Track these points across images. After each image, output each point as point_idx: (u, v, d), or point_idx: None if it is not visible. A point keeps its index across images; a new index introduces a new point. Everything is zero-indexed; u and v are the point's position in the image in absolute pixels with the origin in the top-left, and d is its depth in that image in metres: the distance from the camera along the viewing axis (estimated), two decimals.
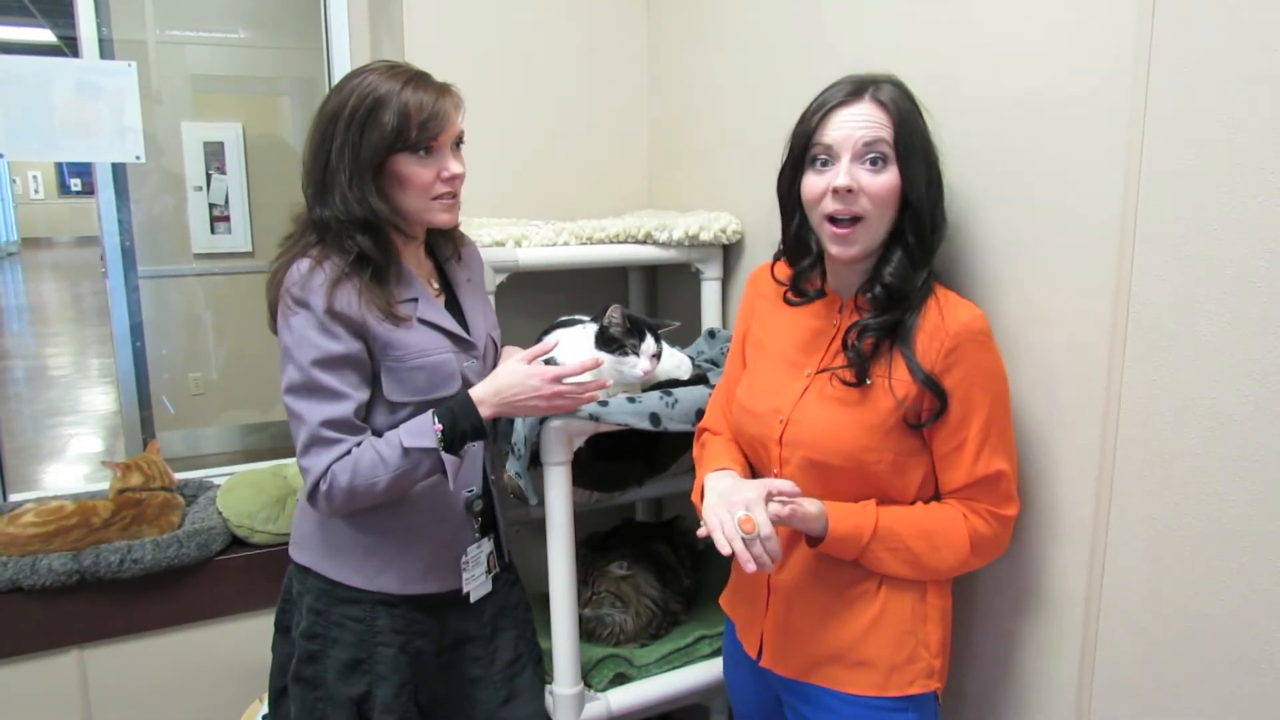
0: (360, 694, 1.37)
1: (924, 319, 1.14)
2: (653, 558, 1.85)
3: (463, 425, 1.31)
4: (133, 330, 3.31)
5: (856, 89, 1.13)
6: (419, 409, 1.33)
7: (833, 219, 1.13)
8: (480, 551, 1.46)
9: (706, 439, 1.39)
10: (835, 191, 1.11)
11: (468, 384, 1.38)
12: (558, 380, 1.34)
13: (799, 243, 1.23)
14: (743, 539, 1.05)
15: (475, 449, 1.39)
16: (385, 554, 1.38)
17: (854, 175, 1.10)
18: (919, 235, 1.14)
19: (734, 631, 1.38)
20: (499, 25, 2.09)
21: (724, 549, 1.06)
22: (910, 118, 1.12)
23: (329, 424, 1.27)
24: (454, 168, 1.31)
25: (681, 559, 1.91)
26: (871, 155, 1.11)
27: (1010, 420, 1.17)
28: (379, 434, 1.33)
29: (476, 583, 1.45)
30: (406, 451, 1.28)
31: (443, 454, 1.29)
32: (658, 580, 1.79)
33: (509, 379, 1.34)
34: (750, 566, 1.05)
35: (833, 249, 1.16)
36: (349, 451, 1.28)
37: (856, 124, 1.11)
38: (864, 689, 1.20)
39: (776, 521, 1.08)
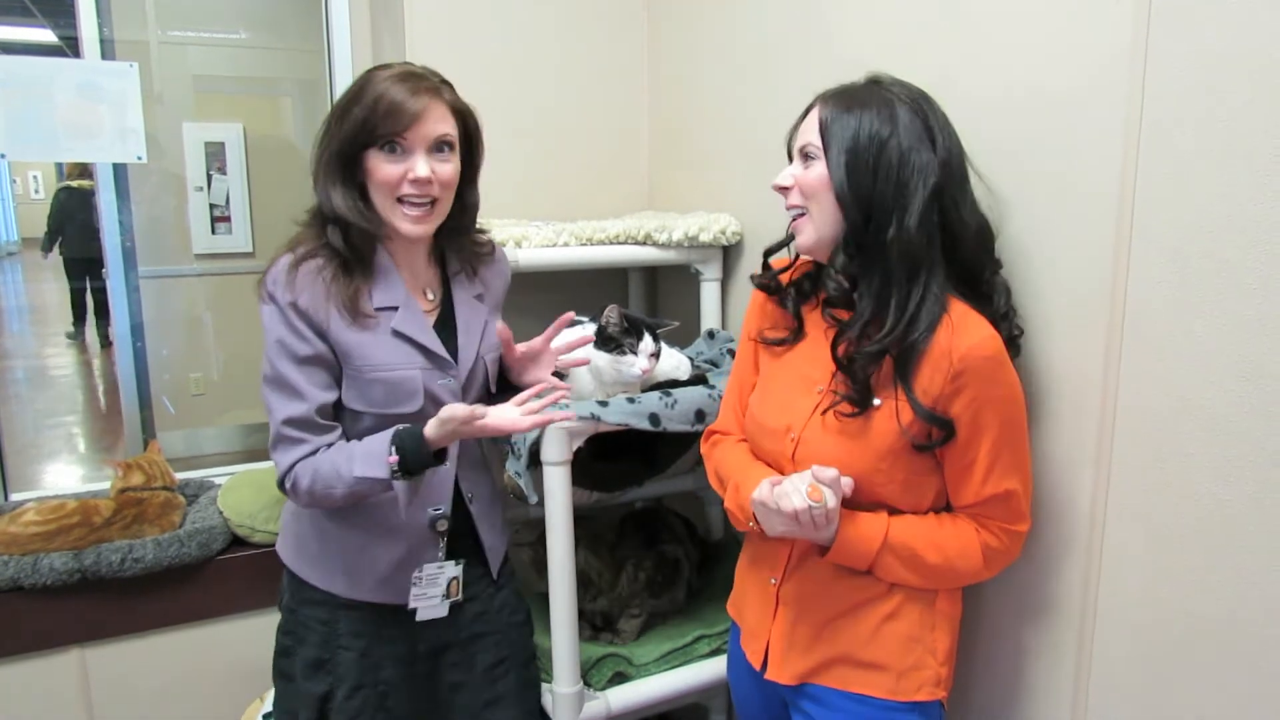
0: (324, 692, 1.37)
1: (932, 345, 1.11)
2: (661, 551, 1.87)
3: (414, 459, 1.25)
4: (133, 330, 3.32)
5: (815, 99, 1.19)
6: (378, 421, 1.31)
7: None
8: (440, 573, 1.39)
9: (718, 439, 1.39)
10: (778, 190, 1.21)
11: (437, 402, 1.32)
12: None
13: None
14: (810, 508, 1.09)
15: (442, 470, 1.33)
16: (340, 559, 1.37)
17: (789, 172, 1.19)
18: (853, 228, 1.13)
19: (739, 637, 1.37)
20: (500, 27, 2.10)
21: (789, 526, 1.12)
22: (838, 116, 1.14)
23: (290, 422, 1.26)
24: (420, 170, 1.24)
25: (694, 538, 1.93)
26: (805, 155, 1.18)
27: (1025, 440, 1.16)
28: (347, 433, 1.32)
29: (426, 602, 1.38)
30: (359, 479, 1.25)
31: (394, 483, 1.25)
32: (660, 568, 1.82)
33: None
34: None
35: (795, 243, 1.23)
36: (314, 452, 1.28)
37: (799, 133, 1.20)
38: (870, 689, 1.20)
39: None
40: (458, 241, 1.41)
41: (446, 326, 1.39)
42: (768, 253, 1.35)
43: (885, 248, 1.11)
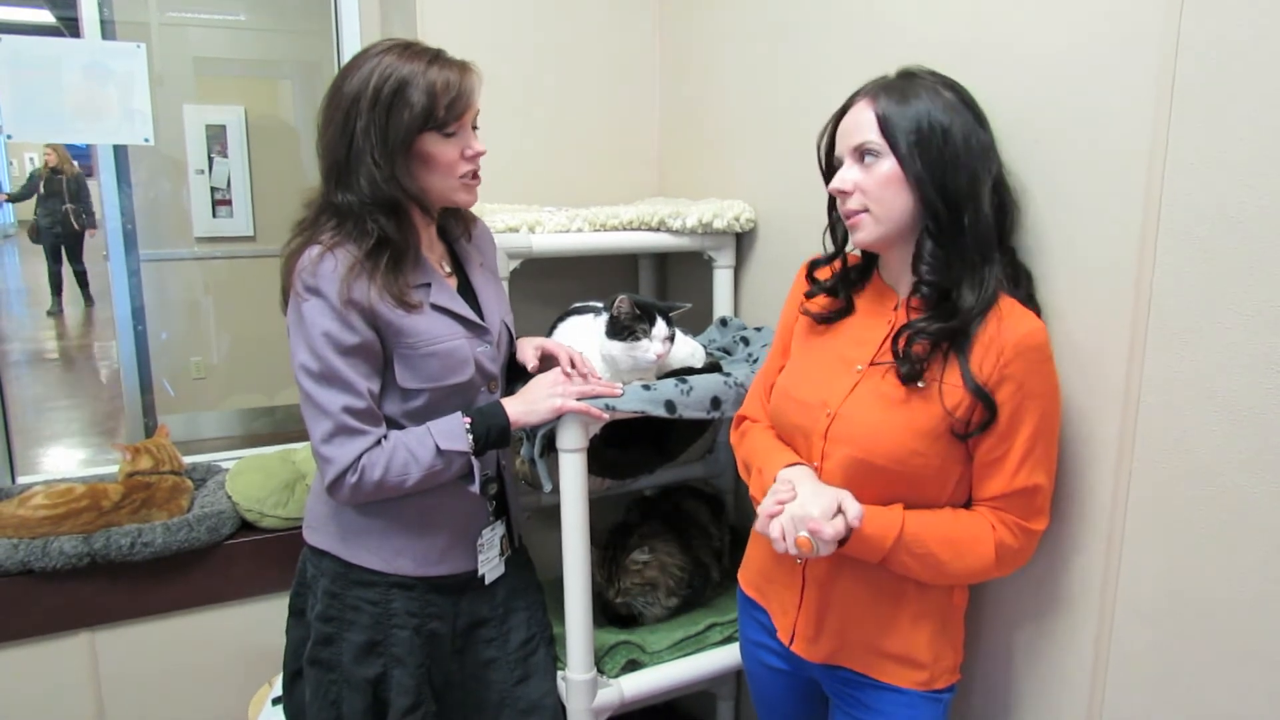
0: (376, 675, 1.38)
1: (983, 330, 1.12)
2: (681, 517, 1.86)
3: (492, 428, 1.35)
4: (134, 314, 3.30)
5: (853, 97, 1.18)
6: (432, 395, 1.34)
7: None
8: (494, 534, 1.47)
9: (747, 427, 1.39)
10: (837, 194, 1.19)
11: (482, 369, 1.39)
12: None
13: (833, 235, 1.30)
14: (798, 554, 1.10)
15: None
16: (403, 536, 1.38)
17: (848, 176, 1.16)
18: (936, 218, 1.12)
19: (753, 619, 1.38)
20: (512, 11, 2.08)
21: (779, 550, 1.12)
22: (897, 109, 1.12)
23: (352, 413, 1.27)
24: (477, 145, 1.33)
25: (719, 521, 1.92)
26: (863, 153, 1.15)
27: (1057, 436, 1.16)
28: (390, 421, 1.33)
29: (491, 565, 1.47)
30: (441, 453, 1.30)
31: (472, 458, 1.32)
32: (682, 542, 1.80)
33: (533, 386, 1.42)
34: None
35: (852, 238, 1.21)
36: (377, 443, 1.29)
37: (850, 132, 1.16)
38: (904, 683, 1.22)
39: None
40: (456, 210, 1.45)
41: (467, 296, 1.43)
42: (813, 265, 1.34)
43: (963, 234, 1.12)
